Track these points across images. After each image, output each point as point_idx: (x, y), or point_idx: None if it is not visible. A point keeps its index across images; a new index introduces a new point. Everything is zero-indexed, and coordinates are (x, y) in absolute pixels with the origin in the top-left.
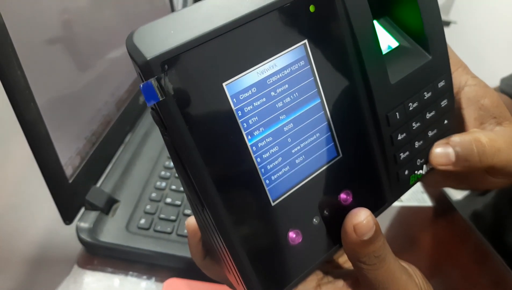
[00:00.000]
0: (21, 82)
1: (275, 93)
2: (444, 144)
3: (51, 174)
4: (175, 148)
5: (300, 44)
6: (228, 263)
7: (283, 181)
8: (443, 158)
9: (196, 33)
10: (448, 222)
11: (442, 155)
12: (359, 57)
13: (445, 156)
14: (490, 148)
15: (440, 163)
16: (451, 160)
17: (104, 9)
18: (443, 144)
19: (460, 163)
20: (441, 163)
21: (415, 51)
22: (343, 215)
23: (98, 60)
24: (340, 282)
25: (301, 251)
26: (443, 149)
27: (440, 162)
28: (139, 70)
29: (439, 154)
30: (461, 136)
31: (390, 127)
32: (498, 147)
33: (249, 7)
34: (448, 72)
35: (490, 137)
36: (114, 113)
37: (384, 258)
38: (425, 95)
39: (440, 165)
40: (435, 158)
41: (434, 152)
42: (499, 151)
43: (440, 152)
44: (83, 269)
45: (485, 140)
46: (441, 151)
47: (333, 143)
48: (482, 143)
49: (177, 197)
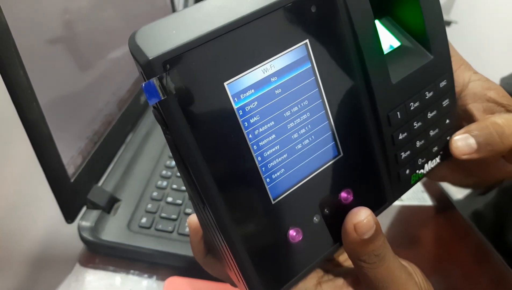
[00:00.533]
0: (24, 82)
1: (276, 93)
2: (463, 135)
3: (53, 173)
4: (176, 146)
5: (301, 44)
6: (229, 260)
7: (284, 179)
8: (466, 148)
9: (197, 33)
10: (449, 221)
11: (464, 145)
12: (361, 56)
13: (467, 146)
14: (508, 127)
15: (464, 153)
16: (474, 148)
17: (106, 9)
18: (462, 135)
19: (483, 148)
20: (465, 153)
21: (416, 51)
22: (343, 214)
23: (100, 60)
24: (340, 280)
25: (302, 249)
26: (464, 139)
27: (464, 152)
28: (141, 69)
29: (461, 145)
30: (477, 123)
31: (391, 127)
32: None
33: (251, 7)
34: (450, 72)
35: (506, 117)
36: (115, 113)
37: (384, 257)
38: (427, 95)
39: (465, 155)
40: (458, 150)
41: (456, 144)
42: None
43: (462, 143)
44: (84, 268)
45: (501, 121)
46: (462, 142)
47: (334, 142)
48: (500, 125)
49: (178, 196)
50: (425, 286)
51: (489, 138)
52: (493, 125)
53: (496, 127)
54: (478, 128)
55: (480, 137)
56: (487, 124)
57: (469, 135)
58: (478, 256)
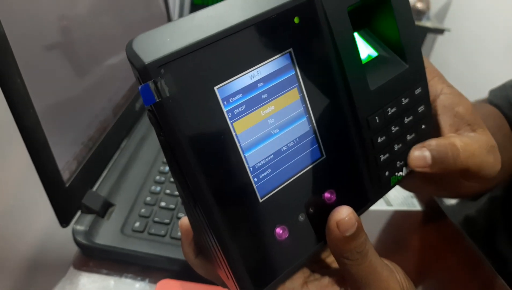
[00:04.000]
0: (21, 89)
1: (263, 97)
2: (421, 148)
3: (48, 178)
4: (169, 147)
5: (285, 53)
6: (219, 258)
7: (271, 179)
8: (421, 160)
9: (190, 41)
10: (438, 227)
11: (419, 157)
12: (341, 65)
13: (422, 159)
14: (464, 152)
15: (418, 165)
16: (428, 163)
17: (102, 16)
18: (420, 148)
19: (436, 165)
20: (419, 165)
21: (393, 60)
22: (327, 213)
23: (96, 67)
24: (326, 279)
25: (288, 247)
26: (420, 152)
27: (418, 164)
28: (137, 73)
29: (416, 156)
30: (438, 140)
31: (371, 131)
32: (472, 151)
33: (239, 18)
34: (424, 80)
35: (465, 141)
36: (110, 119)
37: (366, 254)
38: (403, 101)
39: (418, 167)
40: (413, 161)
41: (412, 155)
42: (473, 155)
43: (418, 155)
44: (79, 271)
45: (459, 144)
46: (418, 154)
47: (317, 145)
48: (457, 147)
49: (171, 201)
50: (406, 283)
51: (444, 157)
52: (451, 145)
53: (453, 149)
54: (436, 146)
55: (436, 154)
56: (446, 143)
57: (426, 149)
58: (467, 261)
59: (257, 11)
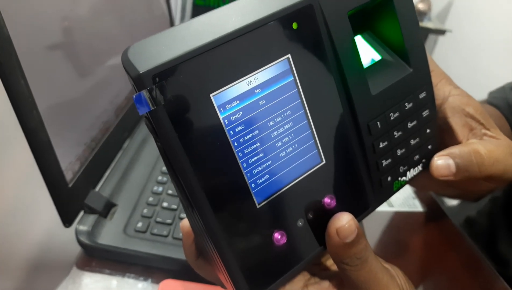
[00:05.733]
0: (24, 91)
1: (260, 104)
2: (444, 156)
3: (51, 178)
4: (166, 153)
5: (284, 58)
6: (217, 262)
7: (268, 185)
8: (445, 169)
9: (185, 49)
10: (439, 228)
11: (443, 167)
12: (341, 70)
13: (446, 168)
14: (489, 158)
15: (442, 174)
16: (452, 171)
17: (105, 17)
18: (444, 156)
19: (461, 173)
20: (443, 175)
21: (396, 64)
22: (327, 219)
23: (98, 68)
24: (326, 283)
25: (286, 252)
26: (444, 161)
27: (442, 174)
28: (132, 82)
29: (441, 166)
30: (460, 147)
31: (372, 136)
32: (496, 157)
33: (236, 25)
34: (429, 84)
35: (488, 148)
36: (113, 120)
37: (366, 260)
38: (406, 106)
39: (442, 176)
40: (437, 170)
41: (436, 164)
42: (497, 161)
43: (442, 164)
44: (81, 271)
45: (483, 151)
46: (442, 163)
47: (317, 150)
48: (481, 154)
49: (174, 201)
50: (407, 288)
51: (469, 165)
52: (474, 153)
53: (477, 156)
54: (460, 154)
55: (461, 163)
56: (470, 150)
57: (450, 157)
58: (468, 262)
59: (254, 17)
